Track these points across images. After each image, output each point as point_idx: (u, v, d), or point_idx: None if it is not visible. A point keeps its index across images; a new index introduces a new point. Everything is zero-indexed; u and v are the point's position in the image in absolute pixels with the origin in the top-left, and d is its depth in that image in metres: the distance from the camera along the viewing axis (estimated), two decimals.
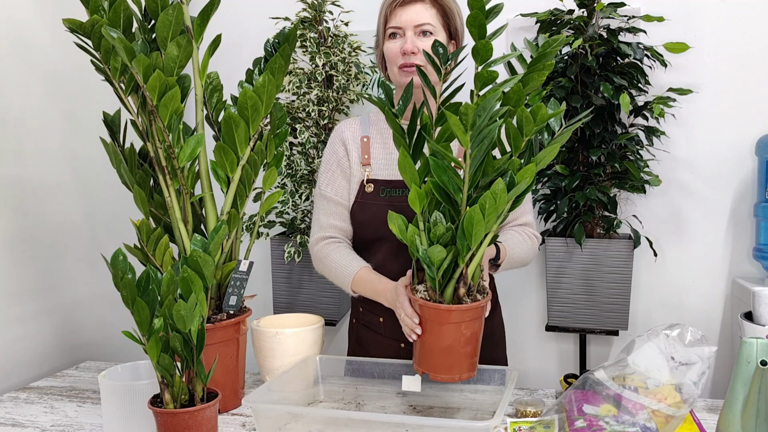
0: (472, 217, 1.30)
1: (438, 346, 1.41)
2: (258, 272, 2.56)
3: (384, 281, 1.62)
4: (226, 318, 1.61)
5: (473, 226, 1.30)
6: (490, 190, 1.29)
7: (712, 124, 2.34)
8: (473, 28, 1.33)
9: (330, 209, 1.77)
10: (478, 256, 1.39)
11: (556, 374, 2.53)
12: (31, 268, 2.05)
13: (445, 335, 1.40)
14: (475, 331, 1.41)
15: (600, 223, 2.27)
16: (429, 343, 1.42)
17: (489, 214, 1.30)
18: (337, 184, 1.77)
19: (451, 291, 1.39)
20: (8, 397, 1.77)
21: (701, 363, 1.32)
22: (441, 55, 1.39)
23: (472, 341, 1.42)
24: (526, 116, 1.32)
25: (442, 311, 1.38)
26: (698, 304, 2.41)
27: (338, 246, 1.74)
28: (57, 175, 2.17)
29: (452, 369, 1.41)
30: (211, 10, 1.60)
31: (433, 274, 1.37)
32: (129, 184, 1.69)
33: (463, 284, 1.39)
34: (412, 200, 1.38)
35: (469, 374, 1.43)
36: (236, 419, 1.56)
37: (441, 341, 1.40)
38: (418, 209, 1.39)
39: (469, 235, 1.32)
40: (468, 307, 1.38)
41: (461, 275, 1.38)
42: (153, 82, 1.49)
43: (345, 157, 1.76)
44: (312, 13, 2.32)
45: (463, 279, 1.39)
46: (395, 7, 1.66)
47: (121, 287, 1.25)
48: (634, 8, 2.29)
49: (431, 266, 1.36)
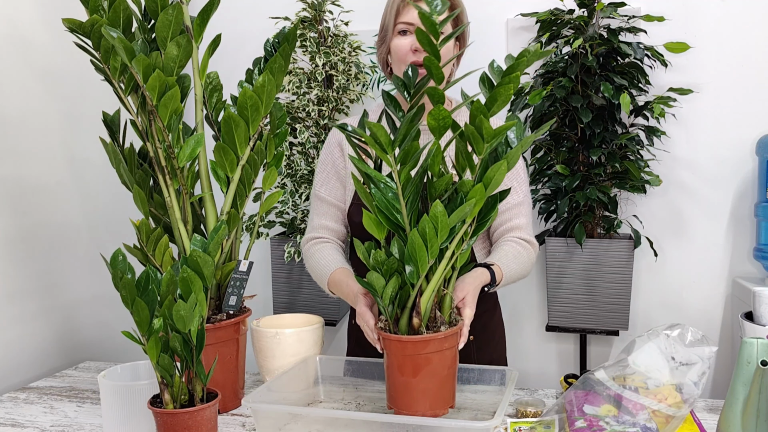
0: (413, 242, 1.22)
1: (396, 380, 1.33)
2: (258, 272, 2.56)
3: (351, 285, 1.55)
4: (225, 318, 1.61)
5: (416, 251, 1.22)
6: (430, 214, 1.21)
7: (712, 124, 2.34)
8: (426, 46, 1.22)
9: (323, 210, 1.77)
10: (432, 283, 1.29)
11: (556, 374, 2.53)
12: (31, 268, 2.05)
13: (401, 368, 1.31)
14: (436, 365, 1.30)
15: (600, 223, 2.27)
16: (389, 376, 1.35)
17: (431, 239, 1.21)
18: (331, 185, 1.76)
19: (405, 322, 1.31)
20: (8, 397, 1.77)
21: (701, 363, 1.32)
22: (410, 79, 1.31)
23: (433, 377, 1.30)
24: (472, 133, 1.23)
25: (392, 342, 1.30)
26: (698, 304, 2.41)
27: (324, 246, 1.73)
28: (56, 175, 2.17)
29: (412, 406, 1.32)
30: (210, 9, 1.60)
31: (380, 303, 1.30)
32: (129, 184, 1.68)
33: (417, 314, 1.29)
34: (368, 225, 1.30)
35: (434, 412, 1.32)
36: (236, 419, 1.56)
37: (399, 375, 1.32)
38: (378, 236, 1.31)
39: (414, 261, 1.24)
40: (419, 338, 1.28)
41: (414, 305, 1.29)
42: (153, 82, 1.49)
43: (340, 159, 1.76)
44: (312, 12, 2.32)
45: (416, 309, 1.29)
46: (407, 2, 1.63)
47: (121, 287, 1.25)
48: (634, 8, 2.29)
49: (377, 295, 1.29)
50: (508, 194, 1.38)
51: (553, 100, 2.19)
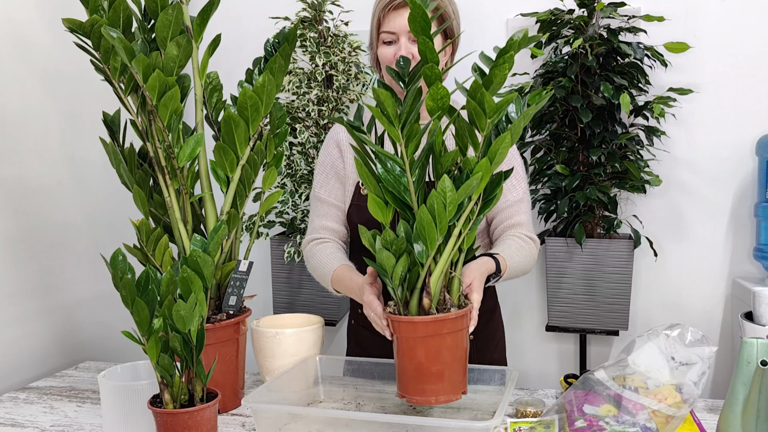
0: (422, 220, 1.22)
1: (408, 365, 1.30)
2: (258, 272, 2.56)
3: (355, 278, 1.55)
4: (225, 318, 1.61)
5: (425, 228, 1.22)
6: (438, 189, 1.21)
7: (712, 124, 2.34)
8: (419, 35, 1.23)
9: (323, 211, 1.76)
10: (441, 262, 1.28)
11: (556, 374, 2.53)
12: (31, 268, 2.04)
13: (412, 352, 1.29)
14: (448, 347, 1.28)
15: (600, 223, 2.27)
16: (400, 362, 1.33)
17: (440, 214, 1.21)
18: (331, 186, 1.76)
19: (415, 303, 1.29)
20: (8, 397, 1.77)
21: (701, 363, 1.32)
22: (402, 68, 1.31)
23: (445, 359, 1.29)
24: (474, 109, 1.23)
25: (403, 323, 1.28)
26: (698, 304, 2.41)
27: (325, 246, 1.72)
28: (57, 175, 2.17)
29: (425, 390, 1.29)
30: (210, 9, 1.60)
31: (390, 284, 1.28)
32: (128, 184, 1.68)
33: (427, 295, 1.28)
34: (372, 210, 1.29)
35: (448, 397, 1.30)
36: (236, 419, 1.56)
37: (410, 359, 1.30)
38: (383, 219, 1.30)
39: (423, 239, 1.23)
40: (431, 319, 1.26)
41: (424, 285, 1.28)
42: (152, 82, 1.49)
43: (339, 159, 1.76)
44: (312, 12, 2.32)
45: (426, 289, 1.28)
46: (388, 11, 1.62)
47: (121, 287, 1.25)
48: (634, 8, 2.29)
49: (386, 275, 1.28)
50: (511, 174, 1.37)
51: (553, 100, 2.19)
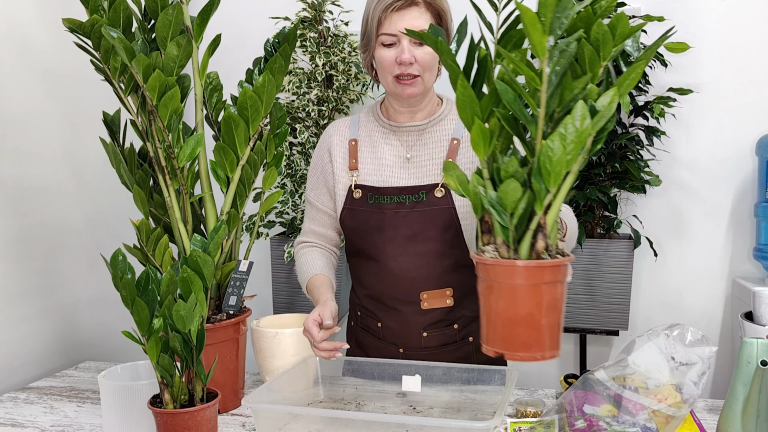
0: (550, 150, 1.07)
1: (513, 316, 1.15)
2: (258, 272, 2.56)
3: (321, 292, 1.59)
4: (225, 318, 1.61)
5: (551, 161, 1.07)
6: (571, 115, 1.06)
7: (712, 124, 2.34)
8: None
9: (312, 214, 1.78)
10: (557, 201, 1.13)
11: (556, 374, 2.53)
12: (31, 268, 2.05)
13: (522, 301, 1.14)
14: (557, 298, 1.17)
15: (600, 223, 2.27)
16: (501, 314, 1.16)
17: (570, 145, 1.07)
18: (319, 191, 1.75)
19: (528, 246, 1.14)
20: (8, 397, 1.77)
21: (701, 363, 1.32)
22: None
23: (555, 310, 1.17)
24: (604, 32, 1.09)
25: (518, 269, 1.12)
26: (698, 304, 2.41)
27: (310, 250, 1.74)
28: (57, 175, 2.17)
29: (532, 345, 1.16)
30: (210, 10, 1.60)
31: (506, 223, 1.13)
32: (129, 184, 1.68)
33: (542, 236, 1.14)
34: (475, 142, 1.16)
35: (552, 353, 1.17)
36: (236, 419, 1.56)
37: (517, 309, 1.15)
38: (482, 153, 1.16)
39: (546, 174, 1.09)
40: (551, 263, 1.13)
41: (539, 225, 1.13)
42: (153, 82, 1.49)
43: (329, 165, 1.72)
44: (312, 12, 2.32)
45: (542, 230, 1.13)
46: (390, 12, 1.57)
47: (121, 287, 1.25)
48: (634, 8, 2.29)
49: (503, 212, 1.13)
50: None
51: None
